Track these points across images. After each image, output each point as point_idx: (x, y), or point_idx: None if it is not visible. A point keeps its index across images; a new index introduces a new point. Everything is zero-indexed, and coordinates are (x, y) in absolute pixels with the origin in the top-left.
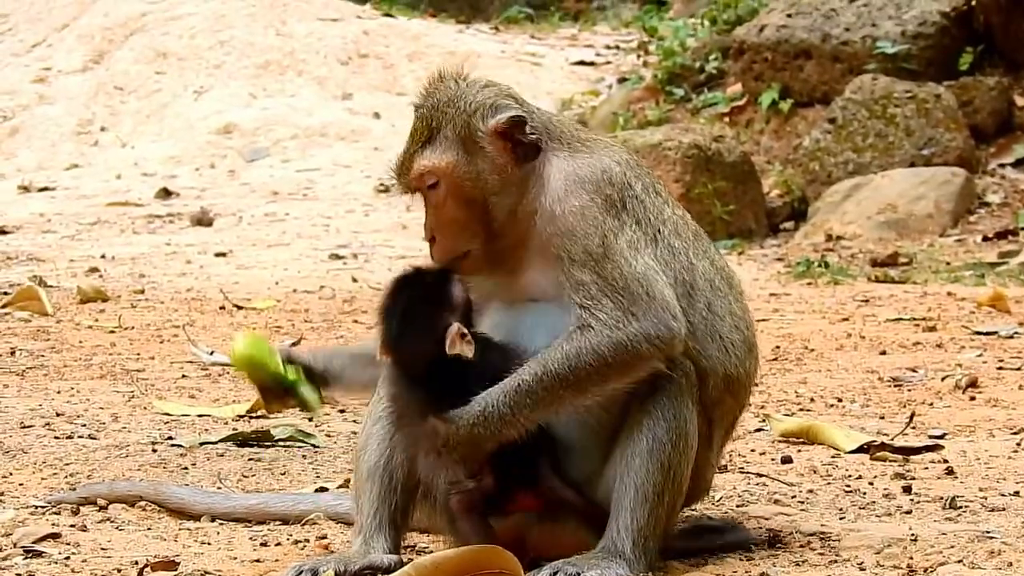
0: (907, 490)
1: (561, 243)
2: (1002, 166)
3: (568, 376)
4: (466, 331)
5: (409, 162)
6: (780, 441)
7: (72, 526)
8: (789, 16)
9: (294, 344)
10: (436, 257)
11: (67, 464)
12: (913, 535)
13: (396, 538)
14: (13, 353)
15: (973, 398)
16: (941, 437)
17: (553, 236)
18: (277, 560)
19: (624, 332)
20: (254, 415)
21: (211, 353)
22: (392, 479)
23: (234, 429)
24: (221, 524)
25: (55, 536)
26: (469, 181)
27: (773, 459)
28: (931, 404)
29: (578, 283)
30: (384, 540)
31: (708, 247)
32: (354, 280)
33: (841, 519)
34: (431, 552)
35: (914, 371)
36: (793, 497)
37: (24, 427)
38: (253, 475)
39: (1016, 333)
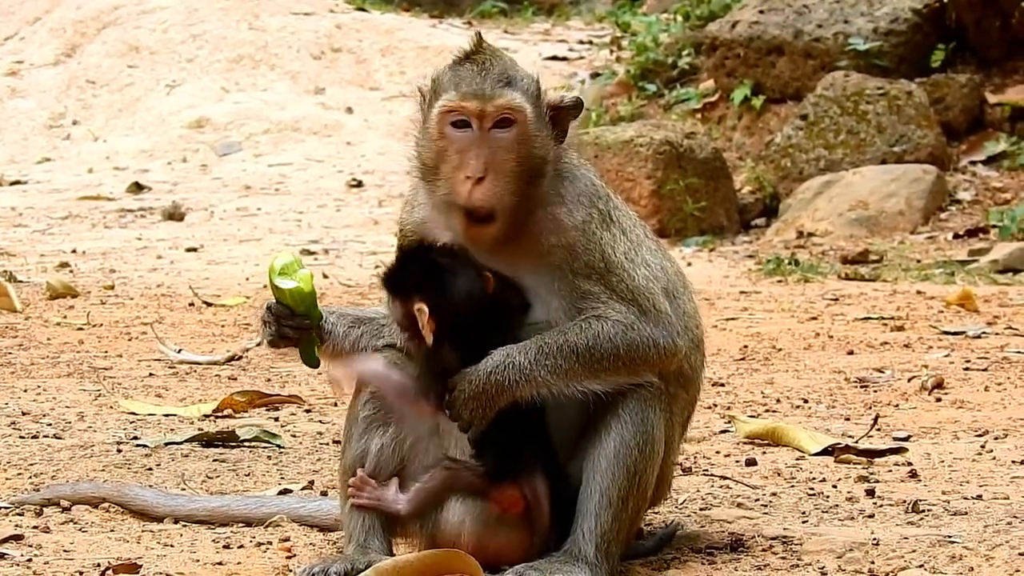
0: (870, 493)
1: (563, 256)
2: (973, 163)
3: (585, 353)
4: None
5: (496, 89)
6: (745, 443)
7: (35, 527)
8: (761, 12)
9: (260, 344)
10: (479, 196)
11: (31, 464)
12: (875, 539)
13: (388, 540)
14: None
15: (939, 399)
16: (906, 439)
17: (555, 247)
18: (239, 563)
19: (637, 334)
20: (220, 414)
21: (179, 351)
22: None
23: (199, 429)
24: (184, 526)
25: (18, 538)
26: (534, 138)
27: (738, 461)
28: (897, 405)
29: (585, 292)
30: (378, 542)
31: (664, 249)
32: (325, 276)
33: (804, 523)
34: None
35: (881, 372)
36: (756, 500)
37: None
38: (218, 476)
39: (984, 333)
